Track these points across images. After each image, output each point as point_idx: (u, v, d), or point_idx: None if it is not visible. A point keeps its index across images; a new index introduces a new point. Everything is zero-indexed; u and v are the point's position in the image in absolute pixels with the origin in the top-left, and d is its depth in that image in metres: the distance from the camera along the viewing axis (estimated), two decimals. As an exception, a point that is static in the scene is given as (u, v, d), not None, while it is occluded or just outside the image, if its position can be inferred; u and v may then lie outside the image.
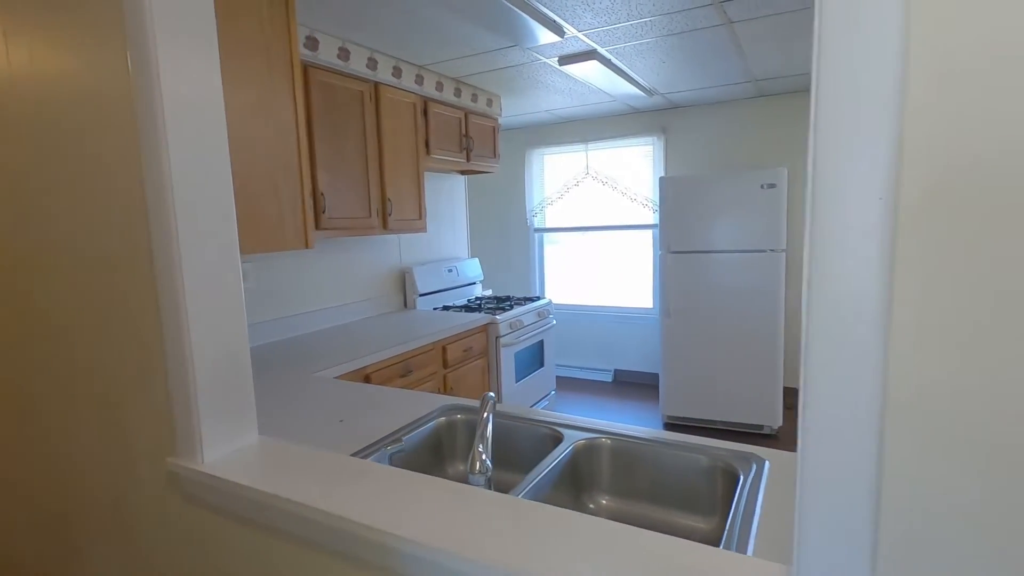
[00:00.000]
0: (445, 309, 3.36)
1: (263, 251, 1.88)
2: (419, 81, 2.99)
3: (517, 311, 3.26)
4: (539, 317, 3.51)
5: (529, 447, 1.45)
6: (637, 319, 4.73)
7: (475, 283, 3.93)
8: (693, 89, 3.72)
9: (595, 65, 2.94)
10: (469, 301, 3.65)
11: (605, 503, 1.34)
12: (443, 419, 1.55)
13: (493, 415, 1.33)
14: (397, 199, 2.83)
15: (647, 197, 4.53)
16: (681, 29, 2.53)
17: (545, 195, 4.98)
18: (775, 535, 0.90)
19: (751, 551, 0.87)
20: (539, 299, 3.60)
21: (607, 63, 2.96)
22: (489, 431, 1.15)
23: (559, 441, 1.35)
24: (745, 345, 3.48)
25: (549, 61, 2.94)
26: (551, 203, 4.97)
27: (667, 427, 3.75)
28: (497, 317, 3.05)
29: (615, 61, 2.99)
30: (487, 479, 1.11)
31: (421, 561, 0.83)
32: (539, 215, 5.03)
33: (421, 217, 3.02)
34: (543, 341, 3.56)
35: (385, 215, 2.76)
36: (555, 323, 3.64)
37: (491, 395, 1.19)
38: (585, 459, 1.34)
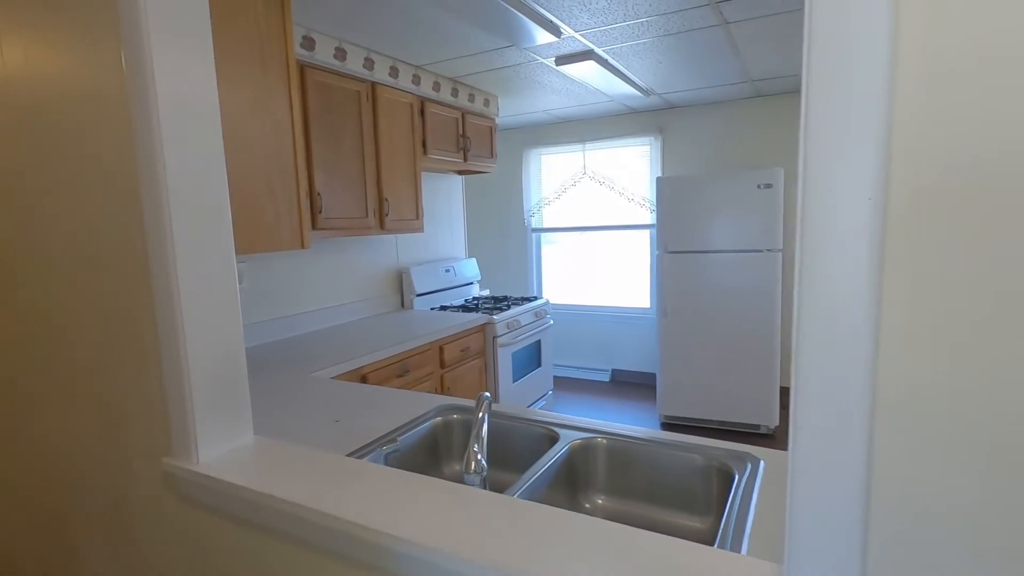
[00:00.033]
0: (442, 309, 3.36)
1: (259, 251, 1.88)
2: (416, 81, 2.99)
3: (514, 311, 3.27)
4: (536, 317, 3.51)
5: (525, 447, 1.46)
6: (634, 319, 4.73)
7: (472, 283, 3.93)
8: (690, 89, 3.73)
9: (592, 65, 2.95)
10: (466, 301, 3.65)
11: (601, 503, 1.34)
12: (439, 419, 1.55)
13: (489, 415, 1.33)
14: (394, 199, 2.83)
15: (644, 197, 4.54)
16: (678, 29, 2.54)
17: (542, 195, 4.99)
18: (769, 534, 0.91)
19: (745, 550, 0.87)
20: (536, 299, 3.60)
21: (604, 63, 2.96)
22: (484, 431, 1.15)
23: (555, 441, 1.35)
24: (742, 345, 3.48)
25: (546, 61, 2.95)
26: (548, 203, 4.97)
27: (664, 427, 3.76)
28: (494, 317, 3.05)
29: (612, 61, 3.00)
30: (482, 479, 1.11)
31: (416, 561, 0.83)
32: (536, 215, 5.03)
33: (418, 217, 3.02)
34: (540, 341, 3.56)
35: (382, 215, 2.75)
36: (552, 323, 3.65)
37: (486, 395, 1.19)
38: (581, 459, 1.35)
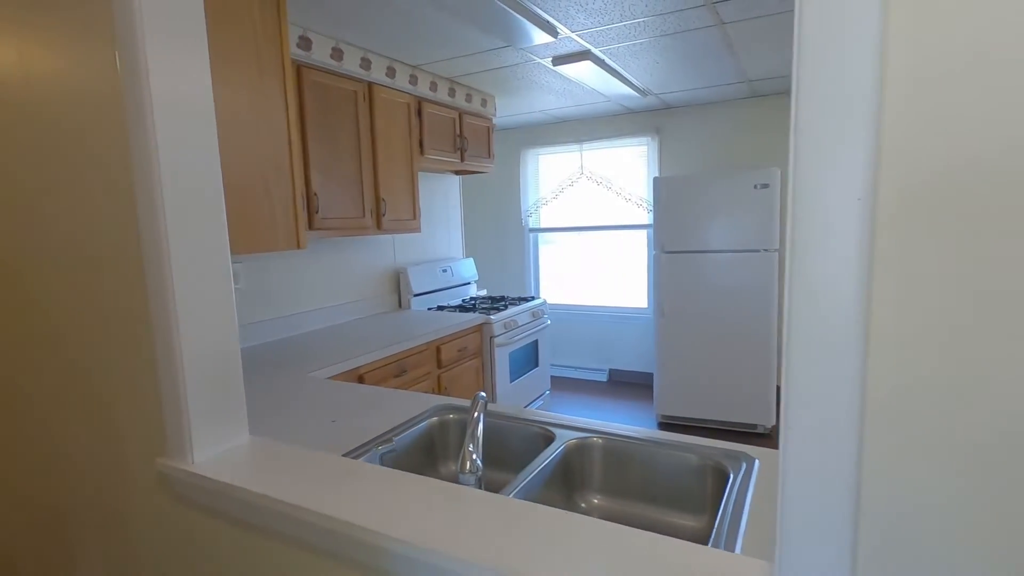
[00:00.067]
0: (439, 309, 3.36)
1: (255, 252, 1.88)
2: (413, 81, 2.99)
3: (511, 311, 3.27)
4: (533, 317, 3.51)
5: (521, 447, 1.46)
6: (632, 319, 4.74)
7: (470, 283, 3.93)
8: (687, 89, 3.74)
9: (589, 65, 2.95)
10: (464, 301, 3.65)
11: (597, 502, 1.34)
12: (435, 419, 1.55)
13: (484, 415, 1.33)
14: (391, 199, 2.83)
15: (641, 197, 4.54)
16: (674, 30, 2.54)
17: (540, 195, 4.99)
18: (763, 533, 0.91)
19: (739, 549, 0.87)
20: (534, 299, 3.60)
21: (601, 63, 2.96)
22: (480, 431, 1.15)
23: (551, 440, 1.36)
24: (739, 344, 3.49)
25: (543, 61, 2.95)
26: (546, 203, 4.98)
27: (661, 426, 3.76)
28: (491, 317, 3.05)
29: (609, 62, 3.00)
30: (477, 478, 1.11)
31: (411, 561, 0.83)
32: (534, 215, 5.04)
33: (415, 217, 3.02)
34: (538, 341, 3.56)
35: (379, 215, 2.75)
36: (550, 323, 3.65)
37: (482, 395, 1.19)
38: (577, 458, 1.35)
